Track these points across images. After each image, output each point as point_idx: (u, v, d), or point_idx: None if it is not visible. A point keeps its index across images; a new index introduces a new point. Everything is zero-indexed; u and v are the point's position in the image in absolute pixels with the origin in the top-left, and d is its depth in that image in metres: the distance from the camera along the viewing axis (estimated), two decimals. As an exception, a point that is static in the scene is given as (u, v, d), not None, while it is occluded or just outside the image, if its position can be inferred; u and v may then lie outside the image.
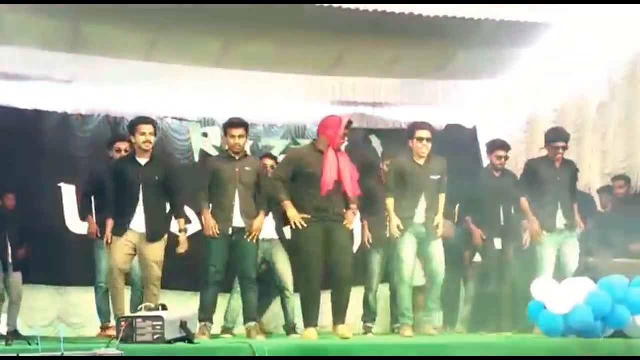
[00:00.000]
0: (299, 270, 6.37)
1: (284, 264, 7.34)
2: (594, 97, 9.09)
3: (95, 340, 6.41)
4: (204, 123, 9.85)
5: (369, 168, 8.24)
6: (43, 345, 4.23)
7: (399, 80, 9.98)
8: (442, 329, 8.04)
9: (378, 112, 10.42)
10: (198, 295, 6.88)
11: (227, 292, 7.19)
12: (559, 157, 7.32)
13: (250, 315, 6.72)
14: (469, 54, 9.19)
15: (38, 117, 9.20)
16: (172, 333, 4.97)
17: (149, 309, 5.32)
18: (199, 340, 5.45)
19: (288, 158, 6.72)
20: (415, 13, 7.95)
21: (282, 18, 8.13)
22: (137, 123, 6.62)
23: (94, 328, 7.82)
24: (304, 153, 6.51)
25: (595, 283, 6.08)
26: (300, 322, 6.50)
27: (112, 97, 9.43)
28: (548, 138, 7.44)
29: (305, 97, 9.85)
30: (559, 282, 6.32)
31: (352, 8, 7.87)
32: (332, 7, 7.80)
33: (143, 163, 6.56)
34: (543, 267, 7.19)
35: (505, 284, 7.59)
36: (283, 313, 7.46)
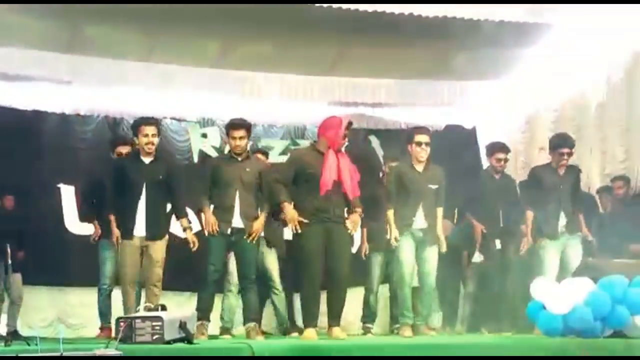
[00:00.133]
0: (299, 270, 6.38)
1: (272, 262, 7.46)
2: (593, 97, 9.09)
3: (95, 341, 6.41)
4: (203, 124, 9.85)
5: (370, 170, 8.24)
6: (42, 346, 4.24)
7: (399, 81, 9.97)
8: (441, 329, 8.04)
9: (377, 112, 10.42)
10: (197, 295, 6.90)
11: (219, 292, 7.21)
12: (564, 163, 7.32)
13: (250, 316, 6.72)
14: (468, 55, 9.18)
15: (37, 117, 9.19)
16: (171, 333, 4.97)
17: (148, 309, 5.32)
18: (198, 341, 5.45)
19: (289, 160, 6.72)
20: (415, 13, 7.94)
21: (281, 18, 8.13)
22: (139, 124, 6.64)
23: (93, 329, 7.81)
24: (305, 154, 6.52)
25: (595, 283, 6.08)
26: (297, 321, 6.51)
27: (111, 97, 9.44)
28: (552, 144, 7.43)
29: (305, 97, 9.85)
30: (560, 282, 6.33)
31: (351, 8, 7.86)
32: (331, 7, 7.79)
33: (147, 162, 6.58)
34: (545, 270, 7.19)
35: (505, 285, 7.59)
36: (274, 312, 7.47)
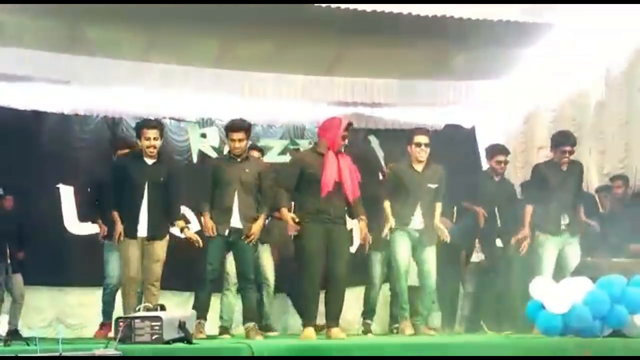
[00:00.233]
0: (299, 270, 6.40)
1: (266, 259, 7.62)
2: (592, 96, 9.09)
3: (94, 341, 6.41)
4: (202, 124, 9.85)
5: (370, 170, 8.25)
6: (41, 346, 4.23)
7: (398, 81, 9.97)
8: (441, 329, 8.04)
9: (377, 112, 10.42)
10: (196, 295, 6.90)
11: (217, 291, 7.23)
12: (565, 160, 7.33)
13: (250, 316, 6.73)
14: (468, 55, 9.19)
15: (36, 117, 9.19)
16: (170, 333, 4.97)
17: (148, 309, 5.32)
18: (198, 341, 5.45)
19: (291, 163, 6.75)
20: (414, 13, 7.94)
21: (280, 18, 8.13)
22: (141, 127, 6.65)
23: (93, 329, 7.82)
24: (305, 156, 6.59)
25: (594, 282, 6.08)
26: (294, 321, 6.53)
27: (110, 97, 9.44)
28: (554, 142, 7.43)
29: (304, 97, 9.85)
30: (558, 282, 6.33)
31: (350, 8, 7.87)
32: (330, 7, 7.80)
33: (150, 163, 6.59)
34: (543, 267, 7.20)
35: (504, 284, 7.59)
36: (257, 309, 7.43)
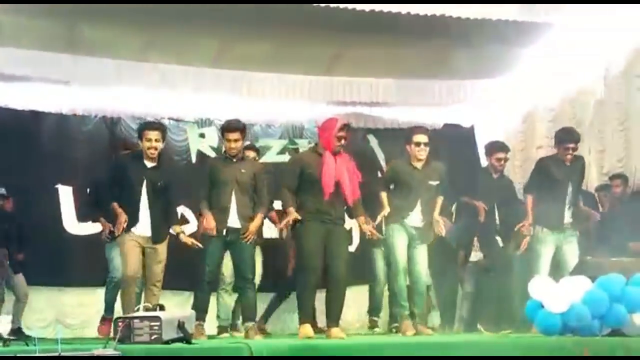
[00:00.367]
0: (297, 268, 6.40)
1: (257, 259, 7.48)
2: (591, 95, 9.10)
3: (93, 341, 6.40)
4: (201, 124, 9.84)
5: (369, 169, 8.24)
6: (40, 346, 4.23)
7: (397, 80, 9.97)
8: (440, 329, 8.04)
9: (376, 111, 10.41)
10: (196, 295, 6.90)
11: (214, 289, 7.25)
12: (569, 157, 7.34)
13: (249, 316, 6.73)
14: (466, 54, 9.18)
15: (35, 118, 9.18)
16: (169, 333, 4.97)
17: (147, 309, 5.32)
18: (197, 341, 5.45)
19: (291, 164, 6.74)
20: (412, 12, 7.94)
21: (279, 18, 8.13)
22: (143, 128, 6.65)
23: (92, 329, 7.81)
24: (305, 156, 6.63)
25: (593, 282, 6.08)
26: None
27: (108, 97, 9.42)
28: (558, 138, 7.44)
29: (303, 97, 9.84)
30: (557, 281, 6.33)
31: (349, 8, 7.87)
32: (329, 6, 7.80)
33: (149, 166, 6.59)
34: (540, 264, 7.21)
35: (503, 283, 7.59)
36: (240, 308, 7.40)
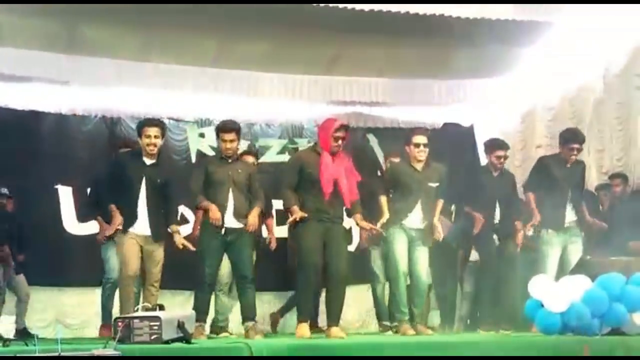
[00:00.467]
0: (296, 267, 6.41)
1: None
2: (591, 95, 9.10)
3: (93, 341, 6.40)
4: (201, 123, 9.83)
5: (368, 168, 8.23)
6: (40, 346, 4.23)
7: (396, 80, 9.97)
8: (440, 329, 8.04)
9: (375, 111, 10.41)
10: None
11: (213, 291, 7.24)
12: (573, 158, 7.35)
13: (249, 315, 6.73)
14: (466, 53, 9.19)
15: (34, 117, 9.17)
16: (169, 333, 4.97)
17: (146, 309, 5.32)
18: (197, 341, 5.45)
19: (292, 162, 6.73)
20: (412, 12, 7.94)
21: (278, 17, 8.13)
22: (142, 125, 6.63)
23: (92, 329, 7.81)
24: (304, 155, 6.63)
25: (593, 281, 6.09)
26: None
27: (108, 97, 9.42)
28: (563, 139, 7.44)
29: (302, 96, 9.83)
30: (558, 280, 6.34)
31: (348, 7, 7.87)
32: (329, 6, 7.80)
33: (148, 163, 6.58)
34: (547, 264, 7.21)
35: (504, 282, 7.57)
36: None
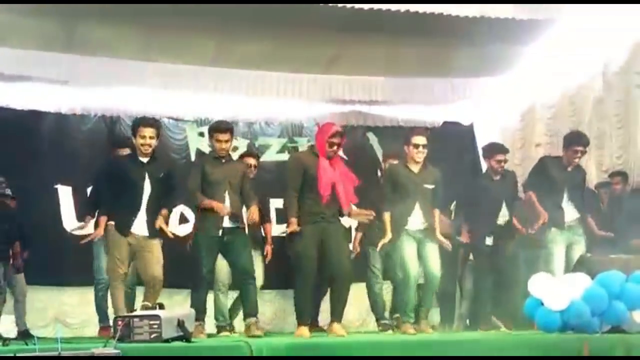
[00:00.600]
0: (294, 270, 6.42)
1: (257, 258, 7.60)
2: (590, 93, 9.10)
3: (93, 340, 6.40)
4: (200, 123, 9.84)
5: (368, 168, 8.23)
6: (40, 345, 4.23)
7: (396, 78, 9.96)
8: (439, 327, 8.04)
9: (375, 110, 10.42)
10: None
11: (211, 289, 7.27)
12: (576, 161, 7.36)
13: (251, 311, 6.74)
14: (466, 52, 9.20)
15: (34, 117, 9.18)
16: (169, 332, 4.97)
17: (146, 308, 5.32)
18: (197, 339, 5.45)
19: (295, 166, 6.58)
20: (411, 11, 7.94)
21: (278, 17, 8.13)
22: (137, 125, 6.59)
23: (92, 328, 7.81)
24: (305, 156, 6.63)
25: (592, 279, 6.09)
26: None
27: (108, 97, 9.43)
28: (567, 141, 7.44)
29: (302, 95, 9.84)
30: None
31: (348, 6, 7.86)
32: (328, 5, 7.80)
33: (145, 161, 6.55)
34: (554, 262, 7.22)
35: (507, 282, 7.56)
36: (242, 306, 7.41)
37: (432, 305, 7.22)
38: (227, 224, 6.67)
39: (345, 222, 7.00)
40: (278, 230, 8.39)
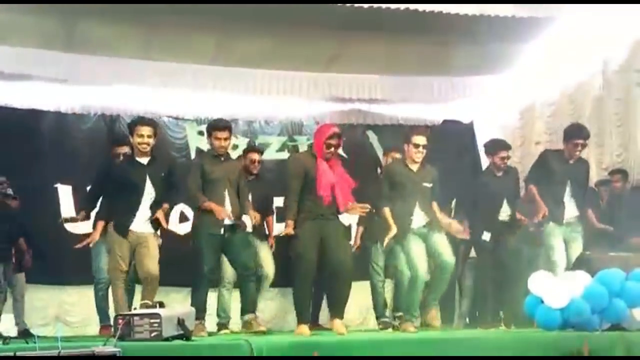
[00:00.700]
0: (293, 268, 6.42)
1: (267, 256, 7.78)
2: (590, 90, 9.10)
3: (93, 339, 6.40)
4: (200, 121, 9.83)
5: (368, 165, 8.22)
6: (40, 344, 4.23)
7: (396, 77, 9.96)
8: (439, 326, 8.03)
9: (375, 108, 10.42)
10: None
11: (216, 286, 7.29)
12: (577, 154, 7.34)
13: (249, 307, 6.74)
14: (466, 50, 9.20)
15: (33, 116, 9.17)
16: (169, 330, 4.97)
17: (146, 306, 5.32)
18: (197, 338, 5.45)
19: (296, 169, 6.51)
20: (411, 9, 7.94)
21: (278, 15, 8.12)
22: (135, 124, 6.59)
23: (92, 327, 7.81)
24: (304, 157, 6.63)
25: (592, 277, 6.09)
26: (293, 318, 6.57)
27: (107, 95, 9.42)
28: (567, 134, 7.42)
29: (302, 93, 9.83)
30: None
31: (347, 4, 7.86)
32: (328, 3, 7.80)
33: (145, 162, 6.55)
34: (555, 256, 7.21)
35: (506, 277, 7.55)
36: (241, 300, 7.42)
37: (444, 292, 7.13)
38: (227, 222, 6.68)
39: (346, 219, 6.99)
40: (276, 230, 8.38)
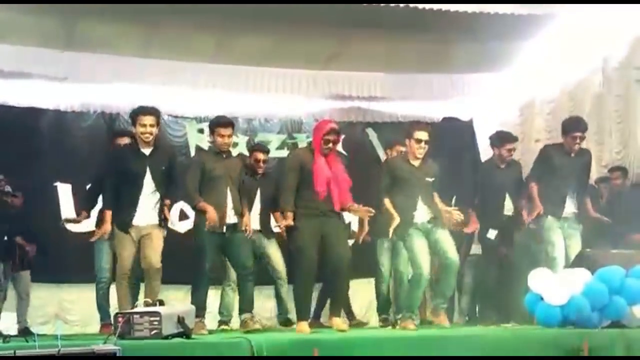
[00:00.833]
0: (293, 265, 6.41)
1: (276, 254, 7.71)
2: (590, 88, 9.09)
3: (93, 337, 6.40)
4: (200, 119, 9.84)
5: (368, 162, 8.21)
6: (40, 342, 4.23)
7: (396, 74, 9.97)
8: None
9: (374, 105, 10.42)
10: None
11: (218, 284, 7.31)
12: (576, 147, 7.33)
13: (247, 307, 6.74)
14: (465, 48, 9.20)
15: (33, 114, 9.18)
16: (169, 328, 4.98)
17: (147, 305, 5.32)
18: (197, 336, 5.45)
19: (293, 163, 6.53)
20: (410, 6, 7.94)
21: (278, 13, 8.13)
22: (137, 113, 6.47)
23: (92, 325, 7.81)
24: (302, 152, 6.64)
25: (592, 274, 6.09)
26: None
27: (107, 93, 9.43)
28: (565, 128, 7.41)
29: (302, 91, 9.84)
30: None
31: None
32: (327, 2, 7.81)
33: (147, 153, 6.47)
34: (555, 250, 7.18)
35: (512, 274, 7.54)
36: (277, 304, 7.51)
37: (452, 292, 7.09)
38: (229, 220, 6.68)
39: (346, 217, 6.96)
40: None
